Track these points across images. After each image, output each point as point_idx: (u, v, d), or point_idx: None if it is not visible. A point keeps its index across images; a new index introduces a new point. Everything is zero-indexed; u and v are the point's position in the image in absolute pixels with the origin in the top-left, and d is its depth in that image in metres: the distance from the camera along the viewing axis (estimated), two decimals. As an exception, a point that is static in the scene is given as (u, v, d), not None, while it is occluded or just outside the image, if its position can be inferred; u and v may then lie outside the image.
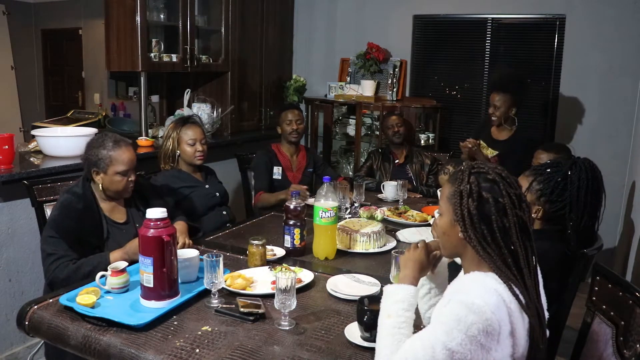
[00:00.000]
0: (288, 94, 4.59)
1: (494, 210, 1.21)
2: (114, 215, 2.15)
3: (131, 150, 2.14)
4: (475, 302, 1.14)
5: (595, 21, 3.80)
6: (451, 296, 1.21)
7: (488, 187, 1.24)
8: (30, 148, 3.05)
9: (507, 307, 1.17)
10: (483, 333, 1.12)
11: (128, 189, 2.13)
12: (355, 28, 4.61)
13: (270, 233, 2.40)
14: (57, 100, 6.53)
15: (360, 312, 1.44)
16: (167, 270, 1.59)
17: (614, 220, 3.82)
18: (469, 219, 1.23)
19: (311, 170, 3.43)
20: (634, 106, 3.74)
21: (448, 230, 1.30)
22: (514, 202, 1.23)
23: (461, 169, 1.29)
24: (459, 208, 1.24)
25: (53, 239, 1.96)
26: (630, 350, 1.37)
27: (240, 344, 1.44)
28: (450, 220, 1.28)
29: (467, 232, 1.24)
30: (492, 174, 1.25)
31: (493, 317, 1.13)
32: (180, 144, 2.70)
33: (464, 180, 1.25)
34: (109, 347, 1.43)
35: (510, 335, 1.17)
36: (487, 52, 4.23)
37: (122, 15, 3.34)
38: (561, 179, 1.86)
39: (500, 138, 3.36)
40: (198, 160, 2.71)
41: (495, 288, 1.18)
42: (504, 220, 1.21)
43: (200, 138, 2.71)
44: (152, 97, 4.00)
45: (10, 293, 2.69)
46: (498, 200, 1.22)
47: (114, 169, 2.06)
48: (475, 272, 1.25)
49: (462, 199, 1.24)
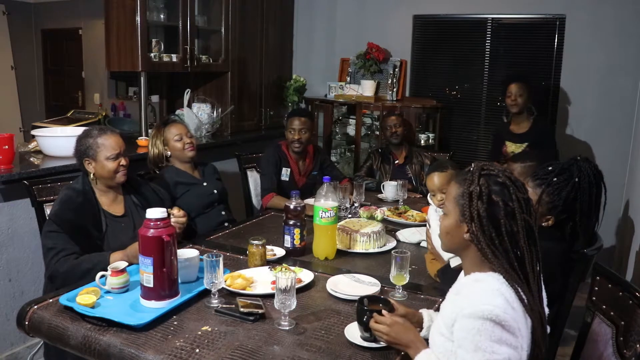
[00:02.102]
0: (288, 94, 4.59)
1: (503, 214, 1.21)
2: (112, 209, 2.18)
3: (117, 135, 2.20)
4: (485, 309, 1.14)
5: (595, 21, 3.80)
6: (456, 308, 1.21)
7: (498, 190, 1.23)
8: (30, 148, 3.05)
9: (512, 307, 1.17)
10: (505, 332, 1.14)
11: (120, 172, 2.15)
12: (355, 28, 4.61)
13: (270, 233, 2.40)
14: (57, 100, 6.53)
15: (360, 312, 1.44)
16: (167, 270, 1.59)
17: (614, 220, 3.82)
18: (477, 220, 1.22)
19: (316, 173, 3.34)
20: (634, 106, 3.74)
21: (453, 231, 1.30)
22: (522, 206, 1.23)
23: (470, 170, 1.28)
24: (468, 209, 1.24)
25: (53, 233, 1.99)
26: (630, 350, 1.36)
27: (240, 344, 1.43)
28: (457, 220, 1.28)
29: (475, 234, 1.23)
30: (502, 177, 1.25)
31: (505, 315, 1.14)
32: (168, 143, 2.72)
33: (474, 182, 1.24)
34: (109, 347, 1.43)
35: (525, 334, 1.18)
36: (487, 52, 4.23)
37: (122, 15, 3.34)
38: (571, 188, 1.84)
39: (522, 131, 3.47)
40: (189, 151, 2.72)
41: (498, 288, 1.19)
42: (512, 224, 1.21)
43: (185, 132, 2.74)
44: (152, 97, 4.00)
45: (10, 293, 2.68)
46: (507, 204, 1.22)
47: (103, 154, 2.11)
48: (476, 274, 1.26)
49: (472, 201, 1.23)
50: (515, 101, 3.44)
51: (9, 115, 6.21)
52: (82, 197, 2.07)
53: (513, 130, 3.50)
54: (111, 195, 2.19)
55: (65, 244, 1.97)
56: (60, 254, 1.95)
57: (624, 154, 3.80)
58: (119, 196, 2.21)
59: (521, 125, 3.48)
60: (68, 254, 1.96)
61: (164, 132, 2.74)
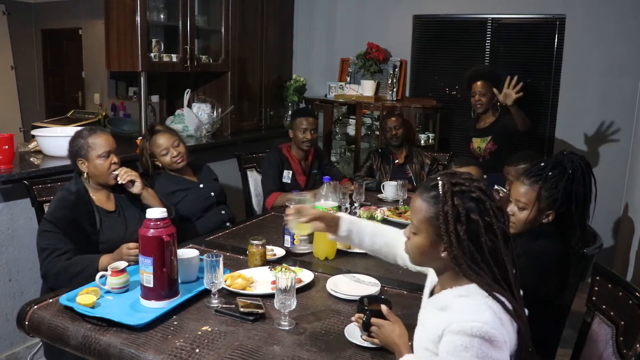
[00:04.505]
0: (288, 94, 4.59)
1: (483, 232, 1.18)
2: (105, 205, 2.22)
3: (107, 134, 2.24)
4: (474, 326, 1.13)
5: (595, 21, 3.80)
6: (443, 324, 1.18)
7: (474, 207, 1.19)
8: (30, 148, 3.05)
9: (499, 319, 1.16)
10: (492, 348, 1.13)
11: (112, 171, 2.19)
12: (355, 28, 4.61)
13: (270, 233, 2.40)
14: (57, 100, 6.53)
15: (360, 312, 1.44)
16: (167, 270, 1.59)
17: (614, 220, 3.82)
18: (457, 243, 1.18)
19: (315, 172, 3.37)
20: (633, 106, 3.74)
21: (428, 251, 1.25)
22: (497, 216, 1.20)
23: (437, 185, 1.22)
24: (446, 232, 1.19)
25: (47, 232, 2.02)
26: (630, 350, 1.36)
27: (240, 344, 1.43)
28: (431, 241, 1.23)
29: (455, 256, 1.19)
30: (475, 192, 1.20)
31: (494, 331, 1.13)
32: (156, 157, 2.70)
33: (447, 202, 1.19)
34: (109, 347, 1.43)
35: (507, 347, 1.17)
36: (487, 52, 4.23)
37: (122, 15, 3.34)
38: (567, 180, 1.85)
39: (485, 125, 3.48)
40: (178, 164, 2.70)
41: (485, 302, 1.17)
42: (492, 238, 1.19)
43: (172, 143, 2.69)
44: (152, 97, 4.01)
45: (10, 293, 2.69)
46: (485, 219, 1.19)
47: (95, 153, 2.15)
48: (457, 289, 1.23)
49: (449, 223, 1.19)
50: (479, 100, 3.43)
51: (9, 115, 6.21)
52: (75, 196, 2.12)
53: (478, 126, 3.52)
54: (104, 193, 2.24)
55: (59, 243, 2.00)
56: (52, 255, 1.98)
57: (624, 154, 3.80)
58: (110, 194, 2.26)
59: (486, 121, 3.49)
60: (60, 254, 1.98)
61: (151, 145, 2.71)
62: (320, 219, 1.69)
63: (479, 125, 3.52)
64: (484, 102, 3.42)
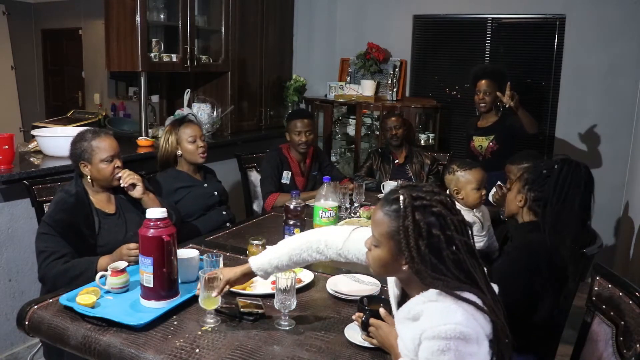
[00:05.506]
0: (288, 94, 4.59)
1: (445, 246, 1.18)
2: (105, 207, 2.20)
3: (111, 137, 2.21)
4: (447, 329, 1.13)
5: (595, 21, 3.80)
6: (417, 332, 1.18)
7: (435, 221, 1.19)
8: (30, 148, 3.05)
9: (471, 316, 1.17)
10: (469, 345, 1.14)
11: (115, 175, 2.17)
12: (355, 28, 4.61)
13: (270, 233, 2.40)
14: (57, 100, 6.53)
15: (360, 312, 1.44)
16: (167, 270, 1.59)
17: (614, 220, 3.82)
18: (418, 257, 1.18)
19: (315, 173, 3.35)
20: (633, 106, 3.75)
21: (389, 264, 1.25)
22: (460, 230, 1.20)
23: (397, 200, 1.21)
24: (407, 247, 1.19)
25: (45, 235, 2.00)
26: (630, 350, 1.36)
27: (240, 344, 1.44)
28: (392, 254, 1.23)
29: (417, 269, 1.19)
30: (436, 206, 1.20)
31: (468, 330, 1.14)
32: (181, 143, 2.69)
33: (408, 217, 1.19)
34: (109, 347, 1.43)
35: (485, 338, 1.18)
36: (487, 52, 4.23)
37: (122, 15, 3.34)
38: (546, 170, 1.86)
39: (488, 124, 3.45)
40: (201, 157, 2.71)
41: (454, 302, 1.18)
42: (455, 251, 1.19)
43: (200, 135, 2.72)
44: (152, 97, 4.00)
45: (10, 293, 2.69)
46: (447, 234, 1.18)
47: (98, 157, 2.12)
48: (423, 294, 1.23)
49: (409, 238, 1.18)
50: (483, 99, 3.41)
51: (9, 115, 6.21)
52: (74, 198, 2.09)
53: (480, 125, 3.50)
54: (105, 195, 2.22)
55: (57, 246, 1.98)
56: (50, 258, 1.96)
57: (624, 154, 3.80)
58: (111, 196, 2.25)
59: (488, 120, 3.47)
60: (58, 257, 1.97)
61: (179, 131, 2.70)
62: (231, 283, 1.59)
63: (480, 123, 3.50)
64: (488, 101, 3.40)
